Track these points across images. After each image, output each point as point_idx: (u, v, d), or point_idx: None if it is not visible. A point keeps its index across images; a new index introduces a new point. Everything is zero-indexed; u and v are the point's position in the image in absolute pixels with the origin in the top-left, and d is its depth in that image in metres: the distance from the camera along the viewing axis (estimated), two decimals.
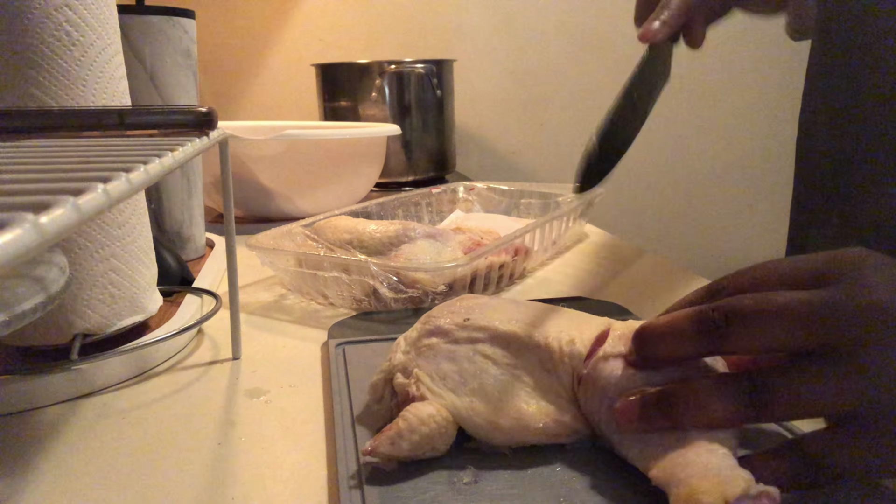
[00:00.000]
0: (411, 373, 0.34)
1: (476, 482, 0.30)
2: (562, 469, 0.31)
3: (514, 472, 0.31)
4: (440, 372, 0.34)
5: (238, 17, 1.47)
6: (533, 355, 0.34)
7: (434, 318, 0.37)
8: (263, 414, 0.39)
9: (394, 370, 0.35)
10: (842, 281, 0.28)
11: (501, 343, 0.35)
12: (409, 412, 0.32)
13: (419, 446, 0.31)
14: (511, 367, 0.34)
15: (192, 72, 0.69)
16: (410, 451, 0.31)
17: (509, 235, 0.60)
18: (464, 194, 0.88)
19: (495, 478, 0.31)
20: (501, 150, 1.64)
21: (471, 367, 0.34)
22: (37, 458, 0.35)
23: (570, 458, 0.32)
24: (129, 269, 0.46)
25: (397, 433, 0.31)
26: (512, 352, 0.34)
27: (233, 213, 0.47)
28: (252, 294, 0.61)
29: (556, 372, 0.34)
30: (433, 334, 0.36)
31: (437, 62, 1.24)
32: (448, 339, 0.35)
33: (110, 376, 0.43)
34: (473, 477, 0.30)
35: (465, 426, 0.32)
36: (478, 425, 0.32)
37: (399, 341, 0.37)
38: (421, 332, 0.37)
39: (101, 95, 0.44)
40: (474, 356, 0.34)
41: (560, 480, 0.30)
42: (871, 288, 0.27)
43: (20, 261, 0.15)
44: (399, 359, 0.36)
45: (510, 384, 0.33)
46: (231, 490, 0.32)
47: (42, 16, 0.41)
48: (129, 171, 0.22)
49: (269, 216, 0.90)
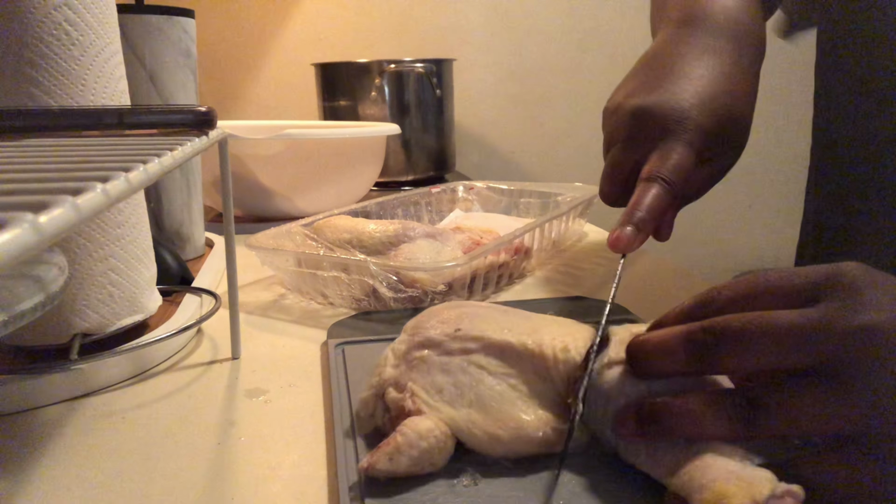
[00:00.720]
0: (405, 387, 0.33)
1: (476, 484, 0.30)
2: (562, 472, 0.31)
3: (513, 475, 0.31)
4: (435, 385, 0.33)
5: (238, 17, 1.47)
6: (527, 364, 0.34)
7: (423, 330, 0.36)
8: (263, 414, 0.39)
9: (385, 385, 0.34)
10: (836, 298, 0.28)
11: (495, 353, 0.34)
12: (407, 427, 0.31)
13: (418, 462, 0.30)
14: (506, 377, 0.33)
15: (191, 72, 0.69)
16: (409, 468, 0.30)
17: (509, 235, 0.60)
18: (463, 194, 0.88)
19: (495, 480, 0.30)
20: (501, 150, 1.64)
21: (466, 379, 0.33)
22: (37, 458, 0.35)
23: (570, 461, 0.32)
24: (128, 268, 0.46)
25: (395, 448, 0.30)
26: (506, 361, 0.34)
27: (232, 212, 0.47)
28: (252, 294, 0.61)
29: (552, 379, 0.33)
30: (424, 346, 0.35)
31: (437, 62, 1.24)
32: (440, 351, 0.34)
33: (110, 376, 0.43)
34: (473, 479, 0.30)
35: (464, 439, 0.32)
36: (477, 438, 0.32)
37: (387, 355, 0.36)
38: (410, 344, 0.36)
39: (101, 95, 0.44)
40: (468, 367, 0.34)
41: (560, 482, 0.30)
42: (865, 306, 0.27)
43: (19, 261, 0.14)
44: (389, 373, 0.35)
45: (507, 394, 0.33)
46: (231, 490, 0.32)
47: (41, 15, 0.41)
48: (128, 170, 0.22)
49: (269, 216, 0.89)
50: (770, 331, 0.27)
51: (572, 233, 0.79)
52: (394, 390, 0.34)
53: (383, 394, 0.34)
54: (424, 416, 0.32)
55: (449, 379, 0.33)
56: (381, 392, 0.34)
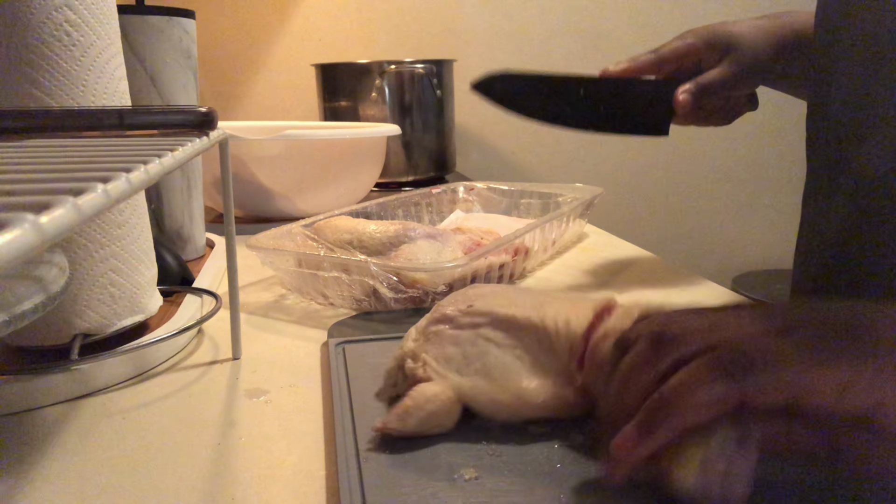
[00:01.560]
0: (419, 357, 0.37)
1: (477, 479, 0.30)
2: (562, 467, 0.31)
3: (514, 470, 0.31)
4: (445, 355, 0.36)
5: (238, 18, 1.47)
6: (532, 336, 0.36)
7: (441, 307, 0.39)
8: (263, 414, 0.39)
9: (405, 357, 0.38)
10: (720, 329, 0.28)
11: (502, 326, 0.37)
12: (416, 391, 0.34)
13: (425, 422, 0.33)
14: (511, 348, 0.36)
15: (192, 72, 0.70)
16: (417, 427, 0.33)
17: (509, 235, 0.60)
18: (464, 194, 0.88)
19: (496, 475, 0.31)
20: (501, 150, 1.64)
21: (473, 350, 0.36)
22: (37, 459, 0.35)
23: (571, 456, 0.32)
24: (129, 269, 0.46)
25: (405, 410, 0.33)
26: (512, 334, 0.36)
27: (233, 213, 0.47)
28: (252, 294, 0.62)
29: (555, 350, 0.35)
30: (439, 322, 0.38)
31: (437, 62, 1.24)
32: (453, 325, 0.37)
33: (110, 376, 0.43)
34: (474, 473, 0.31)
35: (469, 404, 0.35)
36: (481, 403, 0.34)
37: (410, 331, 0.39)
38: (429, 320, 0.39)
39: (101, 95, 0.44)
40: (477, 339, 0.36)
41: (561, 477, 0.30)
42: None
43: (20, 261, 0.15)
44: (409, 346, 0.38)
45: (511, 364, 0.35)
46: (231, 490, 0.32)
47: (42, 16, 0.41)
48: (129, 171, 0.22)
49: (269, 216, 0.90)
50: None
51: (572, 233, 0.79)
52: (411, 361, 0.37)
53: (403, 364, 0.37)
54: (433, 382, 0.35)
55: (458, 350, 0.36)
56: (402, 363, 0.38)
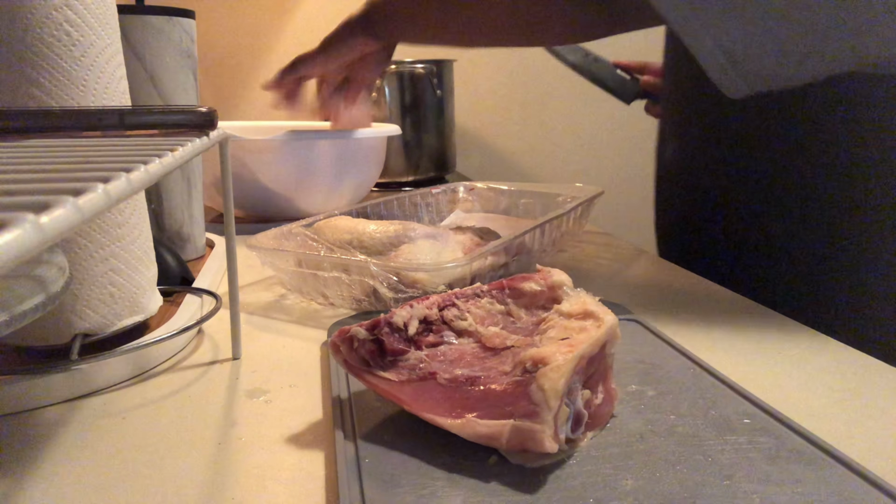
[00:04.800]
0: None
1: (477, 479, 0.30)
2: (565, 464, 0.31)
3: (515, 469, 0.31)
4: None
5: (238, 18, 1.47)
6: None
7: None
8: (263, 414, 0.39)
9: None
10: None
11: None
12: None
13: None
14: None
15: (192, 72, 0.70)
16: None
17: (509, 235, 0.60)
18: (464, 194, 0.88)
19: (496, 475, 0.30)
20: (501, 150, 1.64)
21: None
22: (37, 458, 0.35)
23: (578, 453, 0.32)
24: (129, 269, 0.46)
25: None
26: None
27: (233, 213, 0.47)
28: (252, 294, 0.62)
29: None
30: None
31: (437, 62, 1.24)
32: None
33: (110, 376, 0.43)
34: (474, 473, 0.30)
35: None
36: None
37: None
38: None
39: (101, 95, 0.44)
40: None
41: (563, 476, 0.30)
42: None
43: (20, 261, 0.15)
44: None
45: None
46: (231, 490, 0.32)
47: (42, 16, 0.41)
48: (129, 170, 0.22)
49: (270, 216, 0.90)
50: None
51: (572, 233, 0.79)
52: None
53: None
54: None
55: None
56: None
